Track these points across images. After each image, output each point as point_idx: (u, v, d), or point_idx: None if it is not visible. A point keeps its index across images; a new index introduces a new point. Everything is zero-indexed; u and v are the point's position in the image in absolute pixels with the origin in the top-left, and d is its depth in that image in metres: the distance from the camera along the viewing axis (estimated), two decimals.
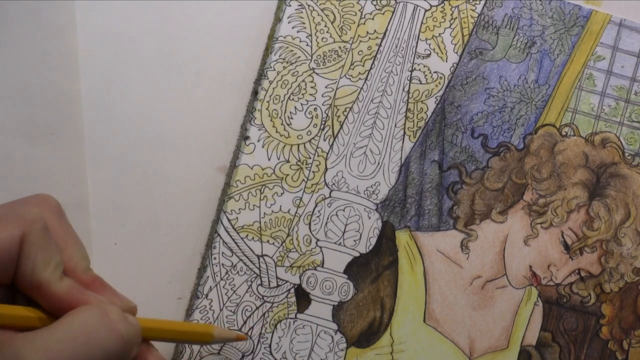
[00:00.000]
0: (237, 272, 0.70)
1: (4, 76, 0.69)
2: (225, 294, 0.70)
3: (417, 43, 0.73)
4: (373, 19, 0.72)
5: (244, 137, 0.71)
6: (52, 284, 0.52)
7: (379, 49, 0.72)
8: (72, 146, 0.70)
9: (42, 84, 0.70)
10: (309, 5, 0.72)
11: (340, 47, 0.72)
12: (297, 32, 0.72)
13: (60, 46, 0.70)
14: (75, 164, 0.70)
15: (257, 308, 0.71)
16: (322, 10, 0.72)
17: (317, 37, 0.72)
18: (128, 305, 0.57)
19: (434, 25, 0.73)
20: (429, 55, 0.73)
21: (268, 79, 0.71)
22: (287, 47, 0.72)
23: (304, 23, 0.72)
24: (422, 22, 0.73)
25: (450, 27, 0.73)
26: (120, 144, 0.71)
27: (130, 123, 0.71)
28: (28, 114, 0.69)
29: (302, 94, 0.72)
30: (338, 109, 0.72)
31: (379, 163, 0.72)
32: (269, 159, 0.71)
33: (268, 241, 0.71)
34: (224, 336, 0.61)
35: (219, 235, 0.70)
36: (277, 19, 0.72)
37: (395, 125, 0.72)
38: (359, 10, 0.72)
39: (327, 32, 0.72)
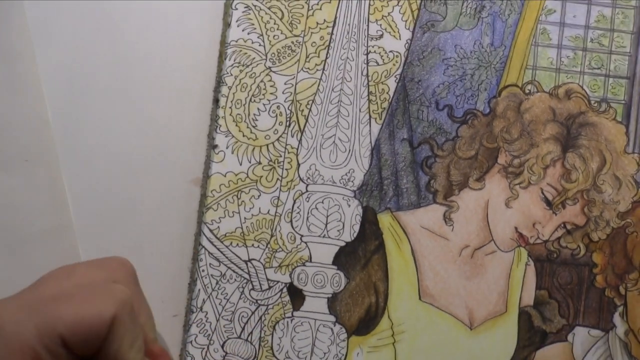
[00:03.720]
0: (227, 280, 0.70)
1: None
2: (219, 304, 0.70)
3: (368, 25, 0.73)
4: (321, 8, 0.72)
5: (212, 146, 0.71)
6: None
7: (331, 37, 0.72)
8: (48, 170, 0.70)
9: (7, 110, 0.69)
10: (255, 6, 0.72)
11: (293, 42, 0.72)
12: (248, 34, 0.72)
13: (21, 71, 0.70)
14: (55, 188, 0.70)
15: (253, 313, 0.71)
16: (269, 8, 0.72)
17: (269, 35, 0.72)
18: None
19: (382, 5, 0.73)
20: (381, 36, 0.73)
21: (227, 85, 0.71)
22: (241, 51, 0.72)
23: (253, 24, 0.72)
24: (369, 4, 0.73)
25: (398, 4, 0.73)
26: (93, 168, 0.71)
27: (100, 149, 0.71)
28: None
29: (263, 94, 0.72)
30: (301, 104, 0.72)
31: (349, 150, 0.72)
32: (241, 164, 0.71)
33: (253, 245, 0.71)
34: None
35: (203, 247, 0.70)
36: (226, 24, 0.72)
37: (360, 110, 0.72)
38: (306, 3, 0.72)
39: (277, 29, 0.72)
